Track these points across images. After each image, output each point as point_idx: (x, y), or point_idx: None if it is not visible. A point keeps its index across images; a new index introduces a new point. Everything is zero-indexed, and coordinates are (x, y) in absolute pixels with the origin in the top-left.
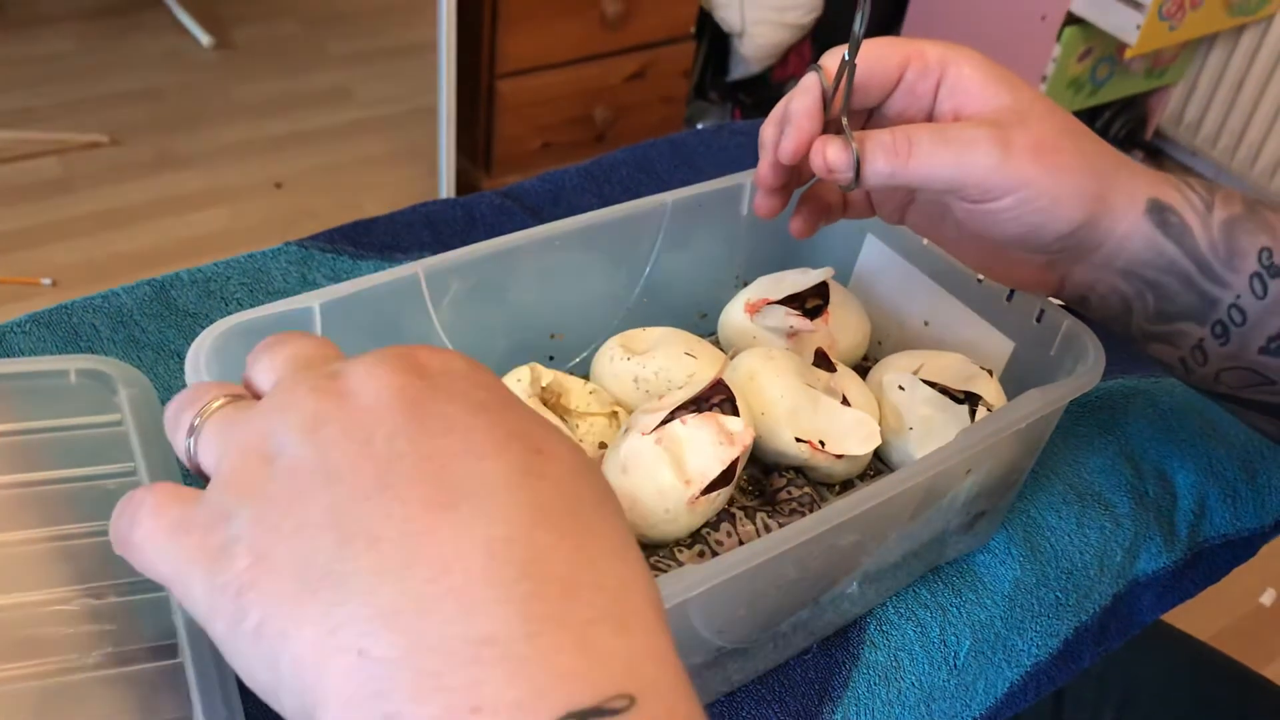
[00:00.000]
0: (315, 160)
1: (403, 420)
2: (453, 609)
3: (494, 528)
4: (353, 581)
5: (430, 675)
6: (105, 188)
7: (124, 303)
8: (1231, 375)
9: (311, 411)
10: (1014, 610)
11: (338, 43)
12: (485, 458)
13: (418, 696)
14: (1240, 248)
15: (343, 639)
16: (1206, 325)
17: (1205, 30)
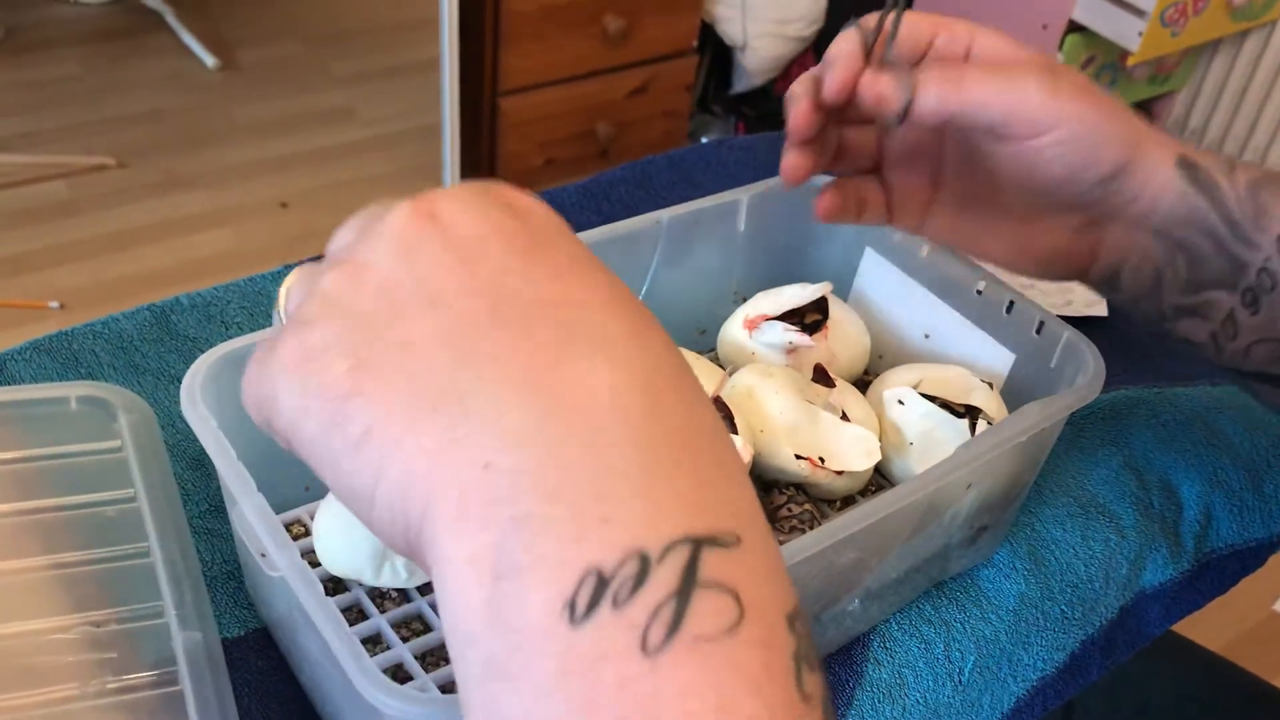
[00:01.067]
0: (320, 180)
1: (510, 257)
2: (581, 439)
3: (618, 373)
4: (477, 399)
5: (559, 488)
6: (112, 210)
7: (124, 328)
8: (1262, 349)
9: (401, 232)
10: (1019, 625)
11: (341, 63)
12: (600, 309)
13: (549, 499)
14: (1265, 206)
15: (468, 451)
16: (1237, 293)
17: (1208, 36)
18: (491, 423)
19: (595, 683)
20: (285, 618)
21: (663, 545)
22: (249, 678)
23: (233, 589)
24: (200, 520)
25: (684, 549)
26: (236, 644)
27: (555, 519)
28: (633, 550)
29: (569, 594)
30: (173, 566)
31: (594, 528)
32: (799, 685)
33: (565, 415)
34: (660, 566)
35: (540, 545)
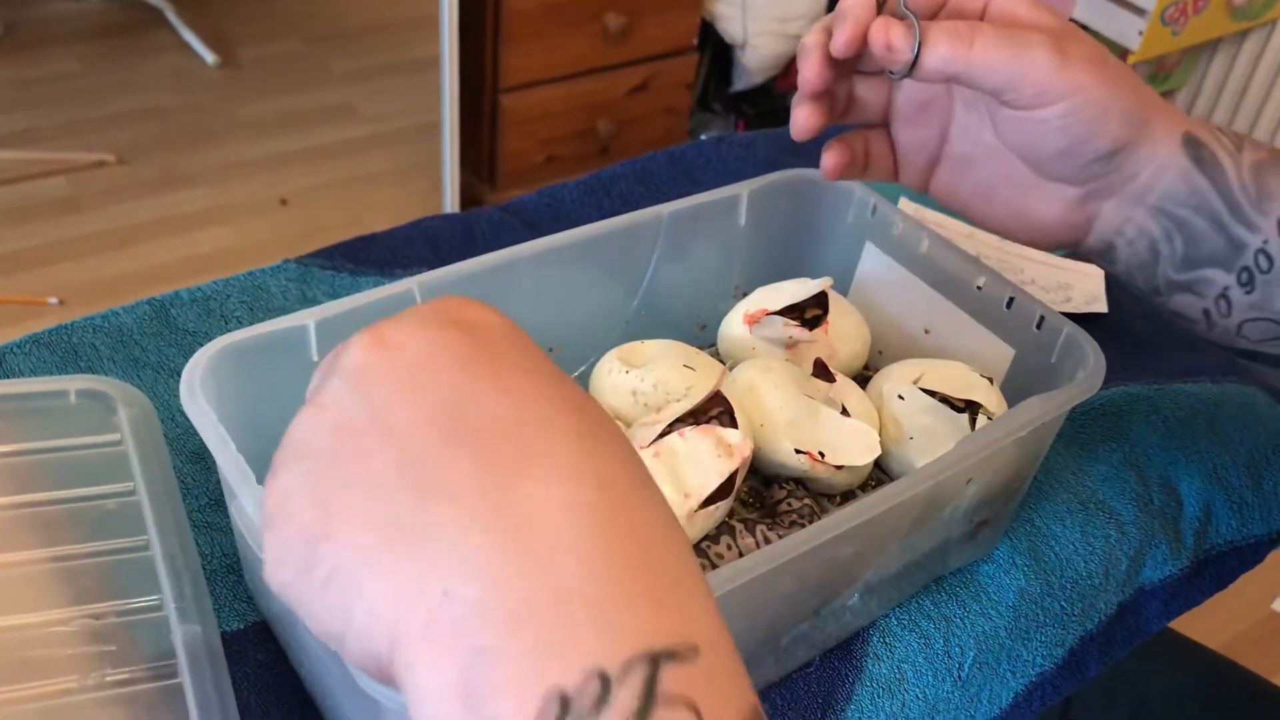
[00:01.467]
0: (320, 177)
1: (459, 377)
2: (536, 562)
3: (569, 489)
4: (436, 534)
5: (518, 614)
6: (112, 207)
7: (124, 322)
8: (1254, 327)
9: (354, 367)
10: (1019, 620)
11: (341, 60)
12: (548, 422)
13: (508, 632)
14: (1269, 190)
15: (427, 585)
16: (1233, 272)
17: (1208, 35)
18: (447, 553)
19: None
20: (285, 611)
21: (622, 663)
22: (248, 671)
23: (232, 583)
24: (200, 514)
25: (643, 666)
26: (236, 637)
27: (518, 648)
28: (593, 670)
29: (534, 717)
30: (172, 560)
31: (555, 651)
32: None
33: (519, 538)
34: (621, 686)
35: (505, 672)
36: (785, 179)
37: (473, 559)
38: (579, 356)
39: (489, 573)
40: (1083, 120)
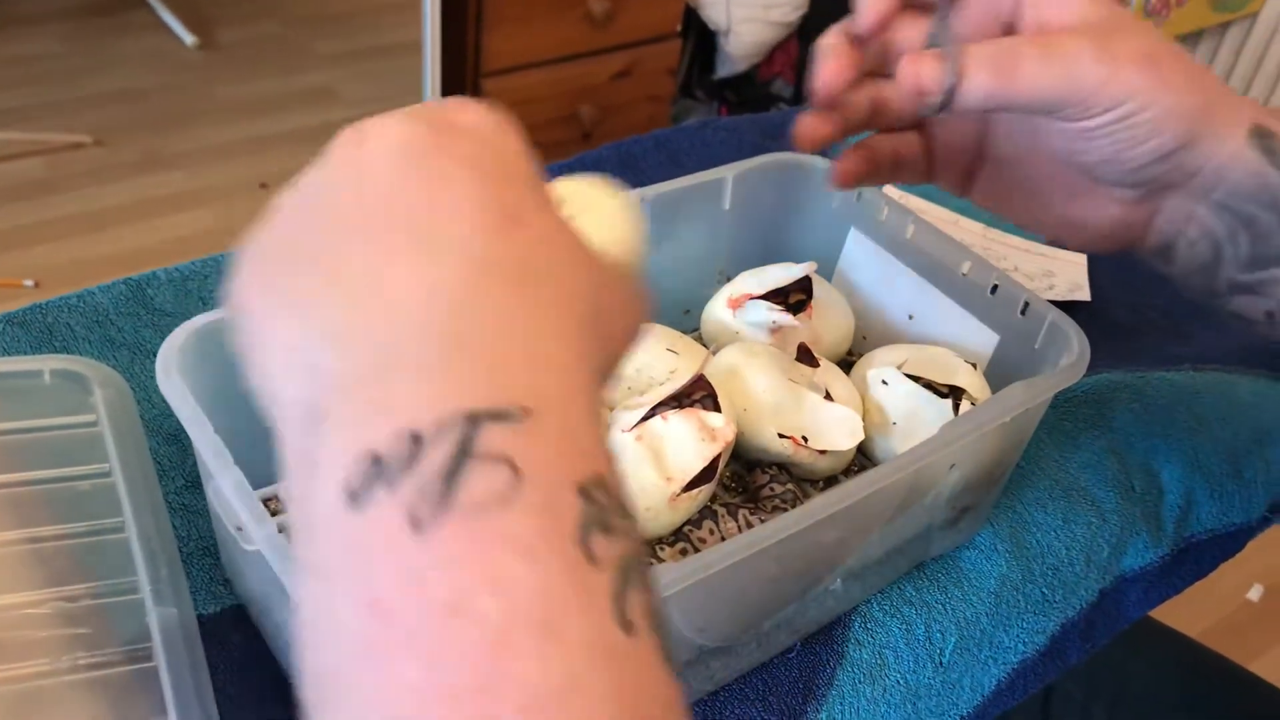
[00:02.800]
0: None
1: (398, 171)
2: (387, 334)
3: (442, 271)
4: (313, 303)
5: (359, 382)
6: (89, 189)
7: (100, 302)
8: None
9: (328, 157)
10: (1000, 607)
11: (323, 43)
12: (460, 214)
13: (345, 397)
14: None
15: (297, 357)
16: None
17: (1191, 27)
18: (317, 323)
19: (371, 564)
20: (262, 594)
21: (437, 423)
22: (225, 654)
23: (209, 565)
24: (176, 496)
25: (459, 426)
26: (213, 620)
27: (347, 415)
28: (405, 430)
29: (349, 481)
30: (148, 542)
31: (373, 415)
32: (584, 548)
33: (380, 314)
34: (433, 446)
35: (332, 440)
36: (770, 163)
37: (339, 330)
38: None
39: (346, 344)
40: (1135, 124)
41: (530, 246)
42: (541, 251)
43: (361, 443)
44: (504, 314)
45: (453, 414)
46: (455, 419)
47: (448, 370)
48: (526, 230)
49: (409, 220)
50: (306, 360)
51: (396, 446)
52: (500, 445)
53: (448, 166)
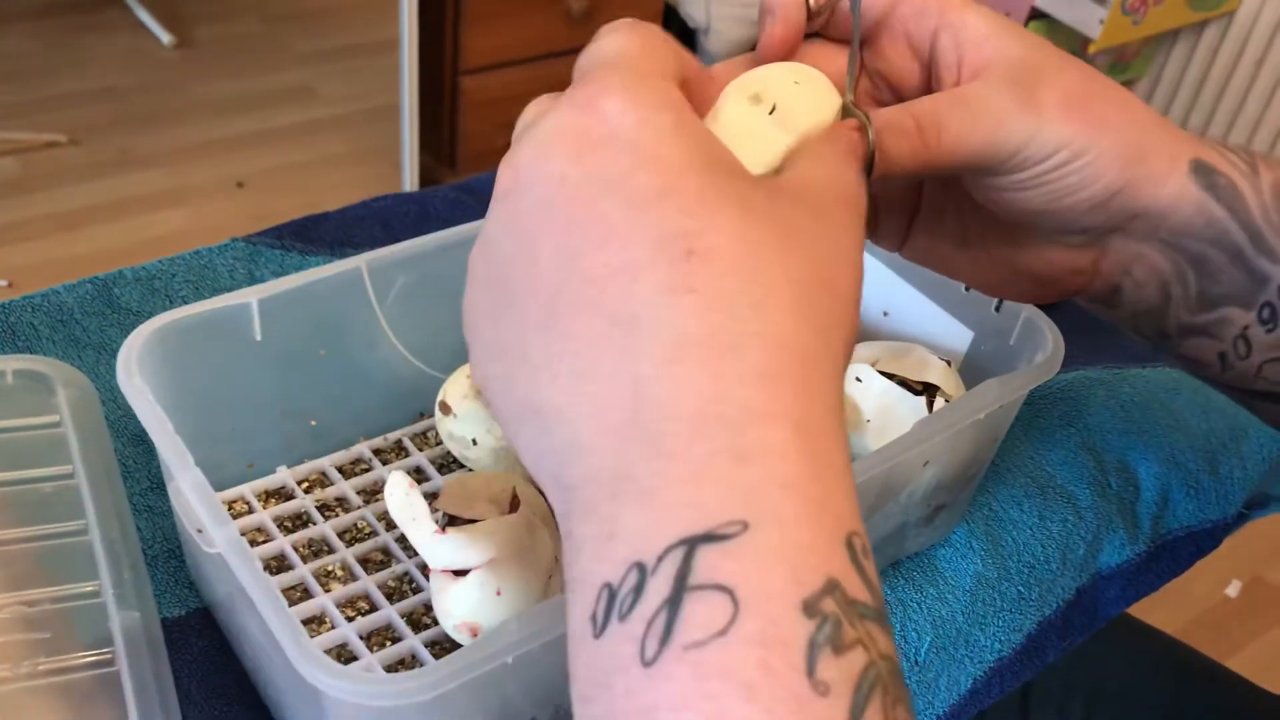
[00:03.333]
0: (278, 159)
1: (564, 231)
2: (606, 450)
3: (640, 364)
4: (543, 416)
5: (588, 504)
6: (64, 188)
7: (64, 301)
8: (1275, 367)
9: (494, 217)
10: (976, 605)
11: (300, 41)
12: (635, 278)
13: (582, 519)
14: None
15: (545, 468)
16: (1253, 310)
17: (1168, 25)
18: (552, 438)
19: (611, 693)
20: (226, 597)
21: (658, 553)
22: (190, 659)
23: (174, 568)
24: (141, 498)
25: (678, 553)
26: (177, 624)
27: (586, 538)
28: (632, 562)
29: (590, 609)
30: (111, 545)
31: (604, 542)
32: (810, 676)
33: (596, 424)
34: (655, 576)
35: (576, 564)
36: None
37: (565, 445)
38: None
39: (574, 460)
40: (1069, 172)
41: (718, 296)
42: (732, 289)
43: (598, 572)
44: (706, 407)
45: (670, 541)
46: (675, 546)
47: (659, 490)
48: (709, 265)
49: (597, 300)
50: (549, 472)
51: (625, 577)
52: (716, 571)
53: (606, 211)
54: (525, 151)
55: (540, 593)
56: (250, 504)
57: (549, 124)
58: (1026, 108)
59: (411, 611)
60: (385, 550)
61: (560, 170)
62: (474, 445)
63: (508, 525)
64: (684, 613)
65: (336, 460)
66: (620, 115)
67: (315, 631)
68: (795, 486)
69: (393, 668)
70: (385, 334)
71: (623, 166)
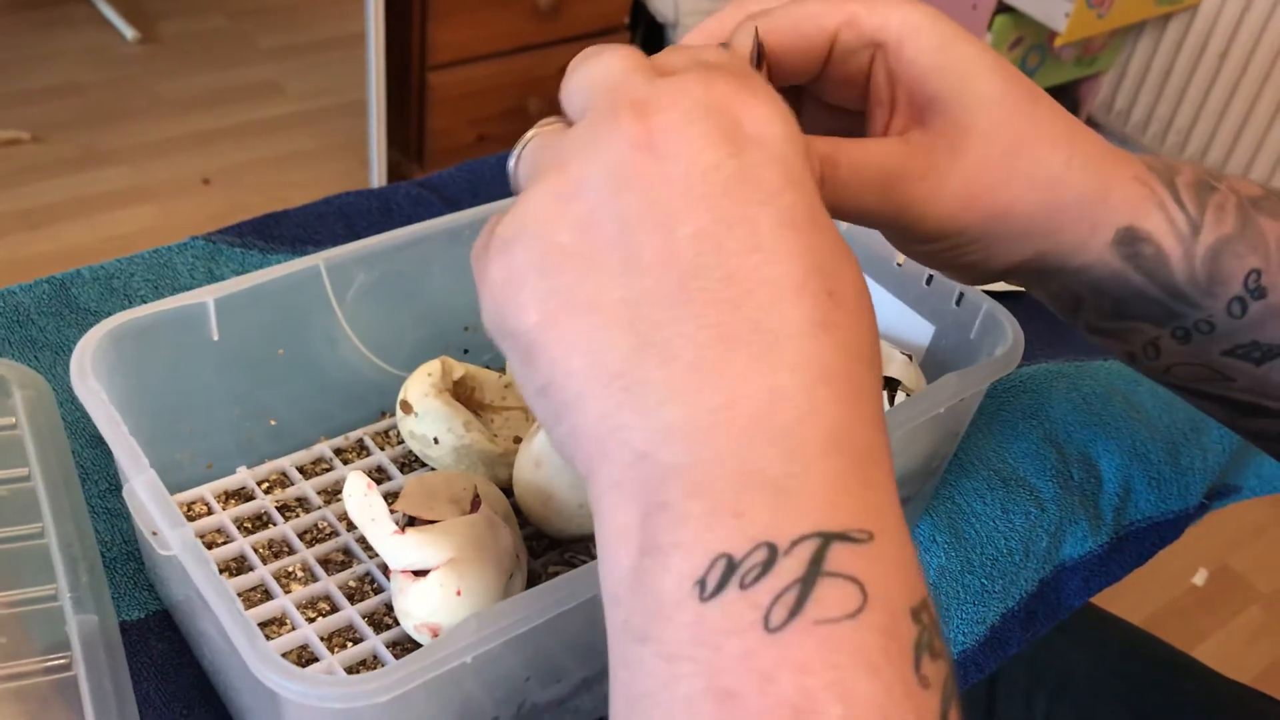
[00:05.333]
0: (244, 156)
1: (711, 220)
2: (731, 441)
3: (780, 376)
4: (643, 390)
5: (702, 483)
6: (27, 186)
7: (20, 301)
8: (1185, 370)
9: (618, 161)
10: (939, 598)
11: (267, 36)
12: (783, 298)
13: (691, 493)
14: (1225, 274)
15: (628, 437)
16: (1167, 328)
17: (1133, 18)
18: (653, 414)
19: (720, 652)
20: (183, 600)
21: (791, 539)
22: (149, 662)
23: (133, 570)
24: (100, 500)
25: (812, 542)
26: (136, 627)
27: (694, 511)
28: (761, 542)
29: (700, 573)
30: (68, 548)
31: (727, 522)
32: (917, 670)
33: (721, 416)
34: (787, 557)
35: (679, 532)
36: None
37: (673, 426)
38: None
39: (684, 442)
40: (964, 253)
41: (849, 330)
42: (863, 342)
43: (714, 542)
44: (841, 432)
45: (805, 532)
46: (810, 537)
47: (795, 489)
48: (844, 310)
49: (739, 301)
50: (637, 447)
51: (753, 554)
52: (850, 565)
53: (758, 219)
54: (668, 117)
55: (501, 592)
56: (209, 505)
57: (693, 95)
58: (924, 182)
59: (373, 612)
60: (346, 551)
61: (714, 159)
62: (435, 444)
63: (468, 524)
64: (816, 593)
65: (297, 460)
66: (767, 123)
67: (275, 633)
68: (899, 516)
69: (354, 669)
70: (345, 332)
71: (774, 179)
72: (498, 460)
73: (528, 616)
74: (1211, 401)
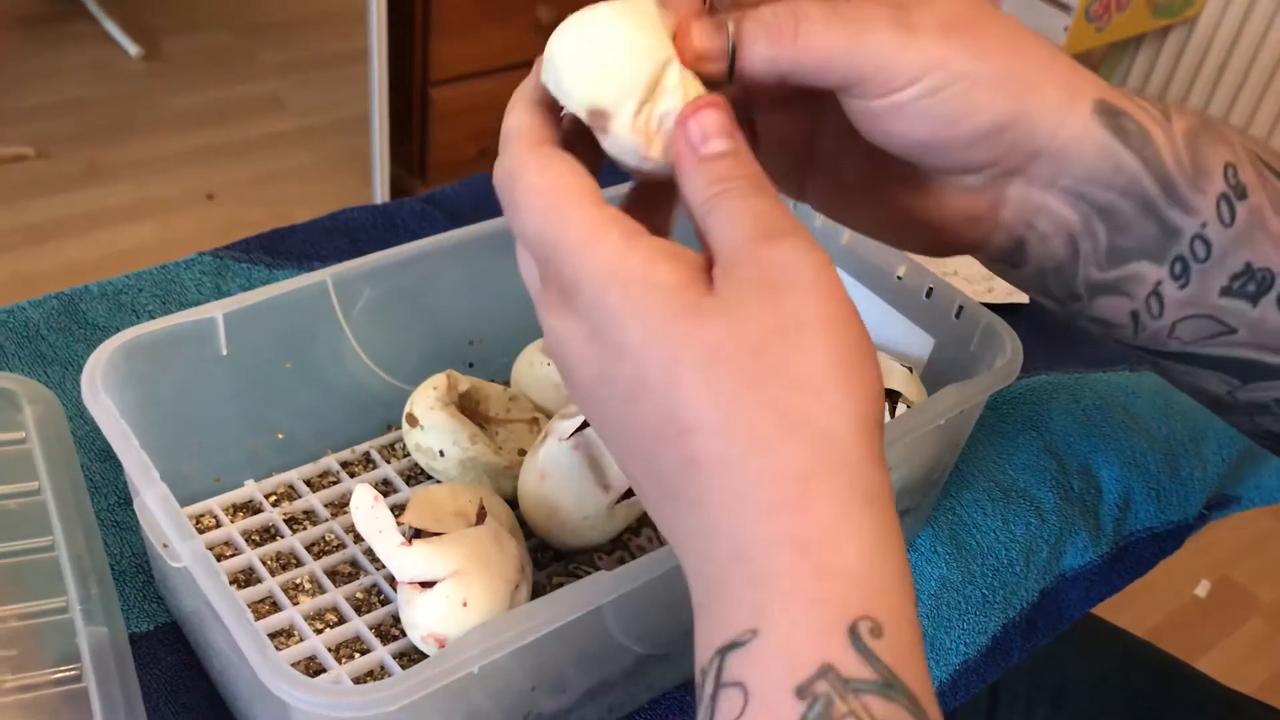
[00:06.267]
0: (247, 171)
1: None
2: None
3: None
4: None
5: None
6: (32, 201)
7: (30, 317)
8: (1188, 325)
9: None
10: (941, 609)
11: (269, 52)
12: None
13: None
14: (1206, 163)
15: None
16: (1165, 264)
17: (1132, 32)
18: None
19: None
20: (193, 612)
21: (706, 661)
22: (158, 674)
23: (142, 583)
24: (109, 513)
25: (717, 659)
26: (146, 639)
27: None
28: (700, 667)
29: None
30: (78, 561)
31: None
32: None
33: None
34: (706, 678)
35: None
36: None
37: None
38: (500, 349)
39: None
40: (945, 99)
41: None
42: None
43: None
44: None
45: (711, 651)
46: (713, 655)
47: (708, 612)
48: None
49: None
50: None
51: (700, 676)
52: (737, 670)
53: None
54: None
55: (506, 603)
56: (218, 518)
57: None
58: (897, 22)
59: (380, 623)
60: (353, 562)
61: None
62: (441, 456)
63: (473, 536)
64: (718, 705)
65: (304, 473)
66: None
67: (283, 644)
68: (794, 594)
69: (361, 680)
70: (352, 347)
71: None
72: (503, 473)
73: (533, 627)
74: (1214, 370)
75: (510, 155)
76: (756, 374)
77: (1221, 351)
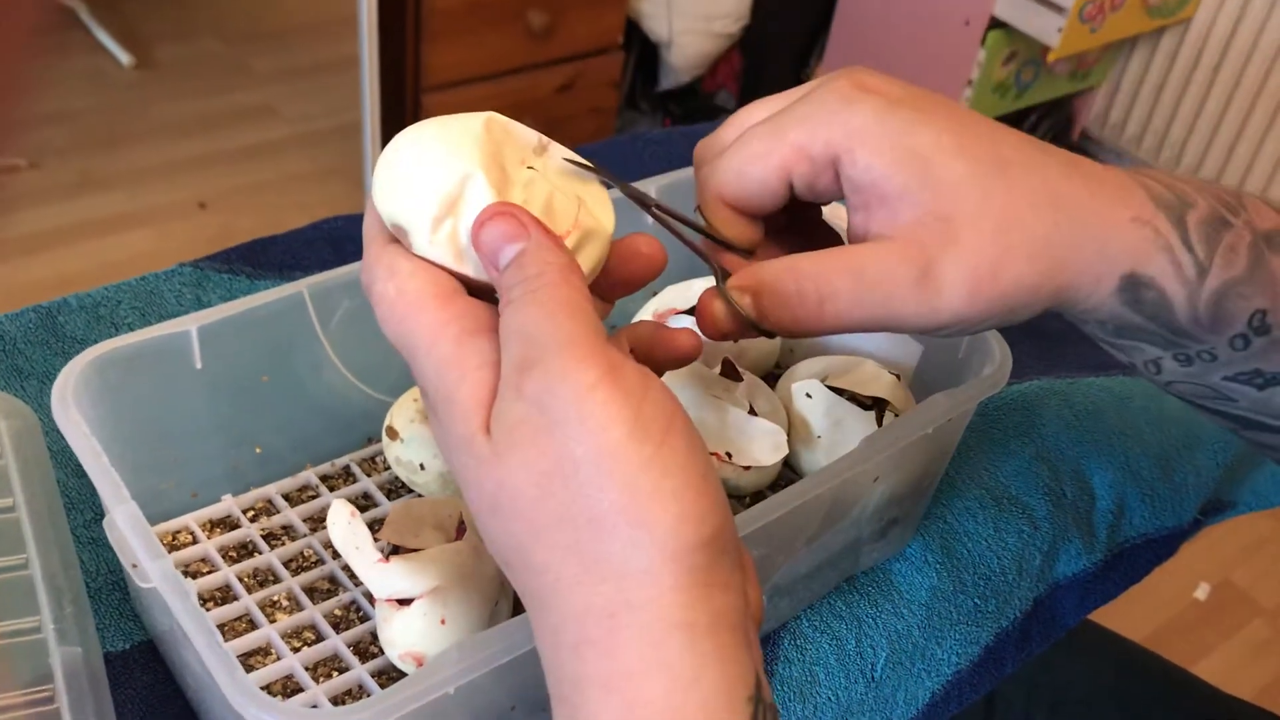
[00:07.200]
0: (240, 179)
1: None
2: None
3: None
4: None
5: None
6: (24, 212)
7: (7, 330)
8: (1188, 388)
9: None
10: (932, 619)
11: (261, 60)
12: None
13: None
14: (1229, 315)
15: None
16: (1169, 353)
17: (1126, 32)
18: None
19: None
20: (166, 631)
21: None
22: (134, 693)
23: (118, 601)
24: (86, 529)
25: None
26: (121, 658)
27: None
28: None
29: None
30: (52, 579)
31: None
32: None
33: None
34: None
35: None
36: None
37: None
38: None
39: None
40: (966, 332)
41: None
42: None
43: None
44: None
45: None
46: None
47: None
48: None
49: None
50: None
51: None
52: None
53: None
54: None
55: (486, 620)
56: (194, 534)
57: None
58: (922, 287)
59: (359, 641)
60: (332, 579)
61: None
62: (421, 470)
63: (452, 552)
64: None
65: (283, 487)
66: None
67: (260, 663)
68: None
69: (339, 699)
70: (330, 359)
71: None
72: None
73: (512, 645)
74: (1214, 415)
75: (365, 255)
76: (543, 520)
77: (1222, 407)
